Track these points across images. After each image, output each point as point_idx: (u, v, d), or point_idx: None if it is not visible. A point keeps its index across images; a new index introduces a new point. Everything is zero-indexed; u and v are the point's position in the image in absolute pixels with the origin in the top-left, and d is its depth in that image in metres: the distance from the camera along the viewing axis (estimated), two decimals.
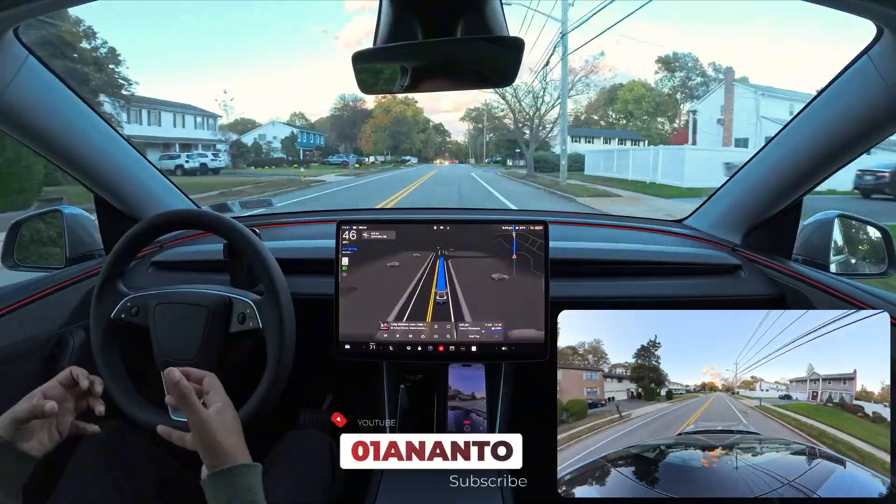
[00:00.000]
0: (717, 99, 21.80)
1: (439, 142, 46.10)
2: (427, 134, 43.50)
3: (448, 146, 46.77)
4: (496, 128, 33.08)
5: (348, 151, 34.61)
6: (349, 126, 36.42)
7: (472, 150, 42.85)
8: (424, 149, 43.16)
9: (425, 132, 43.05)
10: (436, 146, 45.09)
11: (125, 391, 0.84)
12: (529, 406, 0.98)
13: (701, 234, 1.19)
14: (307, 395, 1.32)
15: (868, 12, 0.65)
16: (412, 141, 40.56)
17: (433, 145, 44.49)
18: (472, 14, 0.65)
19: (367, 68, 0.71)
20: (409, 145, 40.20)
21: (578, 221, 1.29)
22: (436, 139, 45.42)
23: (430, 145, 43.97)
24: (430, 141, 44.12)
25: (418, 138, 41.85)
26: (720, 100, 21.28)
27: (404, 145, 39.46)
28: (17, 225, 1.12)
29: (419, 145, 42.15)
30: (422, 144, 42.57)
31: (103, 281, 0.86)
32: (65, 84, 0.89)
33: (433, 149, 44.37)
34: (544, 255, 0.89)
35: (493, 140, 36.07)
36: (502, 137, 32.75)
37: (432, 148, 44.31)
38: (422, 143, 42.54)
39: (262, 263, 0.82)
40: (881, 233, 1.04)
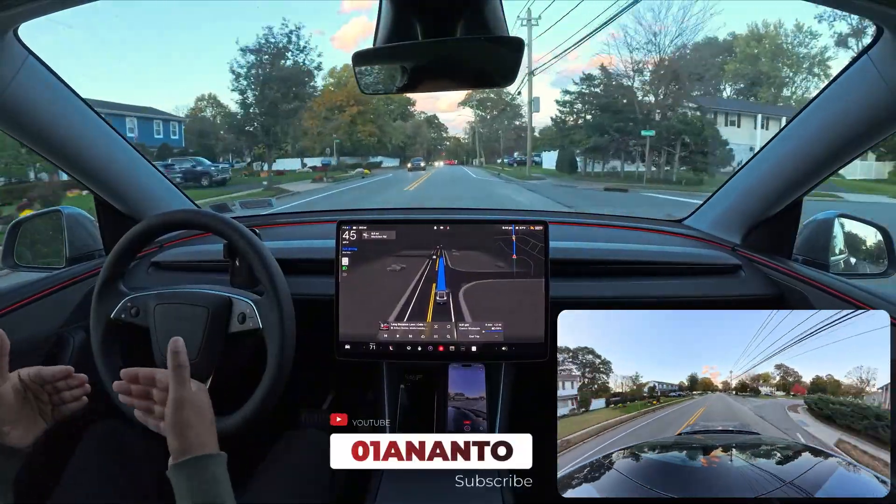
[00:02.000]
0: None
1: (432, 138, 35.71)
2: (414, 125, 32.76)
3: (445, 144, 36.90)
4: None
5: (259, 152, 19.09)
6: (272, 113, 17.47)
7: (477, 147, 32.18)
8: (410, 145, 31.44)
9: (409, 122, 31.72)
10: (427, 142, 34.56)
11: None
12: (529, 406, 0.98)
13: (701, 234, 1.19)
14: (307, 395, 1.32)
15: (868, 12, 0.65)
16: (386, 133, 27.92)
17: (424, 140, 33.70)
18: (471, 14, 0.65)
19: (368, 68, 0.72)
20: (378, 139, 27.10)
21: (578, 221, 1.29)
22: (427, 133, 34.85)
23: (418, 141, 32.99)
24: (421, 135, 33.49)
25: (395, 130, 29.41)
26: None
27: (367, 140, 26.22)
28: (17, 225, 1.12)
29: (399, 139, 29.79)
30: (405, 139, 30.76)
31: (103, 281, 0.86)
32: (65, 84, 0.89)
33: (423, 145, 33.43)
34: (544, 255, 0.89)
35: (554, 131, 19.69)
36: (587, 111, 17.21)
37: (421, 144, 33.21)
38: (406, 137, 30.69)
39: (262, 263, 0.82)
40: (881, 232, 1.04)
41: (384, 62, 0.72)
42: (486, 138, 32.11)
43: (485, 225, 0.91)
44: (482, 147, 32.31)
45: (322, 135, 23.87)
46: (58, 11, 0.68)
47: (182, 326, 0.83)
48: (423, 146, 33.22)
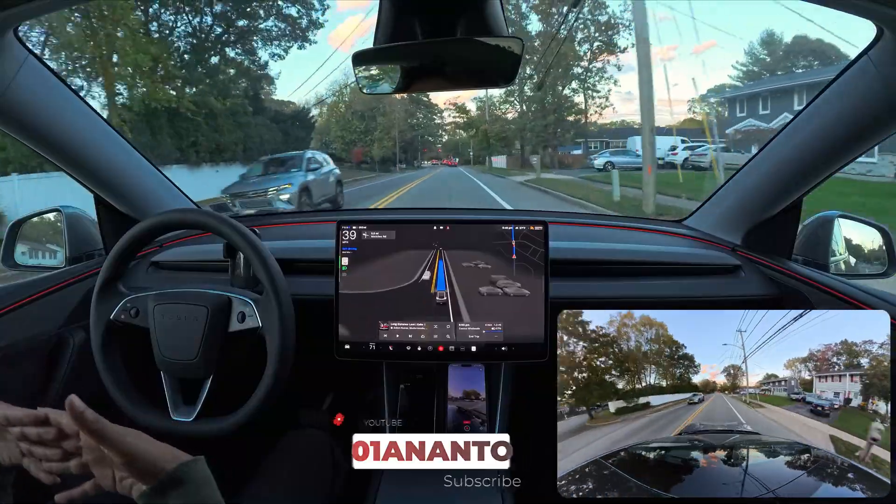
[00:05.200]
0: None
1: (424, 123, 23.20)
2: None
3: (441, 135, 23.80)
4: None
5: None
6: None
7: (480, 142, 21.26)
8: (382, 139, 21.31)
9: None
10: (423, 129, 22.96)
11: (125, 392, 0.84)
12: (529, 406, 0.98)
13: (701, 234, 1.19)
14: (307, 395, 1.32)
15: (868, 12, 0.65)
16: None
17: (389, 126, 21.53)
18: (471, 14, 0.66)
19: (368, 68, 0.72)
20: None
21: (578, 221, 1.29)
22: (418, 117, 23.00)
23: (388, 129, 21.57)
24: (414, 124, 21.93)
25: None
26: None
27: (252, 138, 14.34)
28: (17, 225, 1.12)
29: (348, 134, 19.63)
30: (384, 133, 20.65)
31: (103, 281, 0.86)
32: (65, 84, 0.89)
33: (408, 139, 22.21)
34: (544, 255, 0.89)
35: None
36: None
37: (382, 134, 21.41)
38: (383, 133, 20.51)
39: (262, 263, 0.82)
40: (881, 233, 1.04)
41: (384, 62, 0.72)
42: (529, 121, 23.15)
43: (484, 225, 0.91)
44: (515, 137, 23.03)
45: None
46: (57, 11, 0.68)
47: (182, 326, 0.83)
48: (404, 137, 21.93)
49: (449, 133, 24.54)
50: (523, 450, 0.96)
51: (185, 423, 0.82)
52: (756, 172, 1.05)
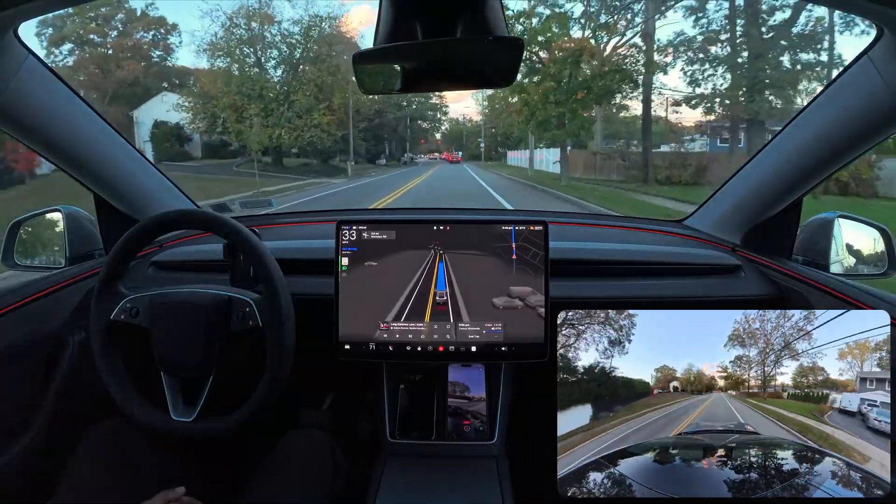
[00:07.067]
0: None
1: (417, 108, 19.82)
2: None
3: (441, 126, 22.86)
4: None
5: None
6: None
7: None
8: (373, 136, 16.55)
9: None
10: (418, 115, 20.65)
11: (125, 392, 0.84)
12: (529, 406, 0.98)
13: (701, 234, 1.19)
14: (307, 395, 1.32)
15: (868, 12, 0.65)
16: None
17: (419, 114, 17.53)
18: (471, 14, 0.65)
19: (368, 68, 0.72)
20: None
21: (578, 221, 1.29)
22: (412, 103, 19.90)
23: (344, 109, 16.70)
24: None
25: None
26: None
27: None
28: (17, 225, 1.12)
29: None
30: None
31: (103, 281, 0.86)
32: (65, 84, 0.89)
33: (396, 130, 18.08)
34: (544, 255, 0.89)
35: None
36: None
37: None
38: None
39: (262, 263, 0.82)
40: (881, 233, 1.04)
41: (384, 62, 0.72)
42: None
43: (484, 225, 0.91)
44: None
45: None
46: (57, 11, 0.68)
47: (182, 326, 0.83)
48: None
49: (449, 124, 21.18)
50: (523, 450, 0.96)
51: (185, 423, 0.82)
52: (756, 172, 1.05)
